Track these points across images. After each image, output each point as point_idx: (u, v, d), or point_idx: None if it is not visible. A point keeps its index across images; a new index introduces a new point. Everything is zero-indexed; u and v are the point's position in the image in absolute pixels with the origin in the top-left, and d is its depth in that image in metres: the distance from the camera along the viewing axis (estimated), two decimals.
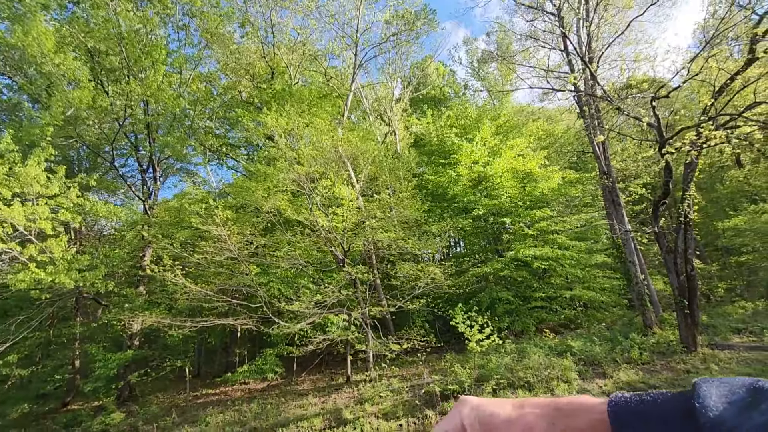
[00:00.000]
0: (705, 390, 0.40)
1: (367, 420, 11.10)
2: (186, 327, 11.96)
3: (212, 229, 11.13)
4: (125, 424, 13.31)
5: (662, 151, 10.54)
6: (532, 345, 13.91)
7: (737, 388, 0.39)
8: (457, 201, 21.47)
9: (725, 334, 13.36)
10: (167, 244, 13.02)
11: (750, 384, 0.39)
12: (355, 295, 14.76)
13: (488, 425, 0.48)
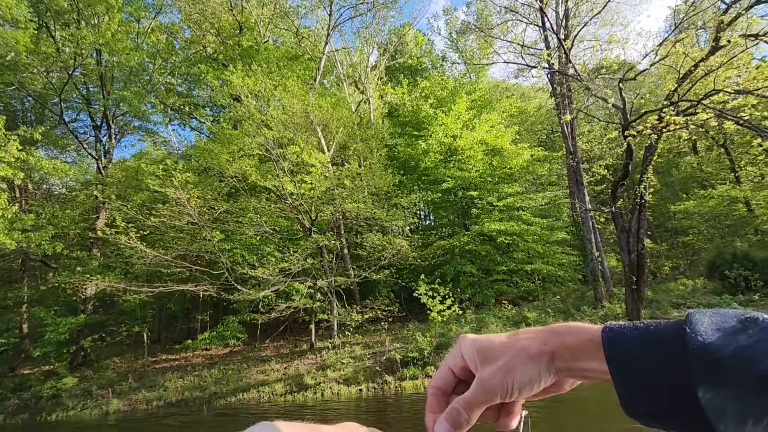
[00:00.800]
0: (697, 318, 0.41)
1: (329, 385, 11.34)
2: (142, 292, 11.55)
3: (170, 191, 10.58)
4: (78, 389, 12.97)
5: (625, 134, 10.84)
6: (492, 315, 14.50)
7: (729, 318, 0.41)
8: (427, 173, 21.50)
9: (666, 308, 14.40)
10: (122, 206, 12.29)
11: (741, 314, 0.41)
12: (321, 264, 14.71)
13: (485, 352, 0.49)
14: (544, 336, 0.48)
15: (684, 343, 0.40)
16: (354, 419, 1.96)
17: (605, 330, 0.46)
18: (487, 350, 0.50)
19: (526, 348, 0.48)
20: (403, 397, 9.91)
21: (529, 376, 0.47)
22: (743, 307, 13.63)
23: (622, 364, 0.43)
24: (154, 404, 11.82)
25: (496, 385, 0.47)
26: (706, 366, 0.38)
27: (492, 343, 0.50)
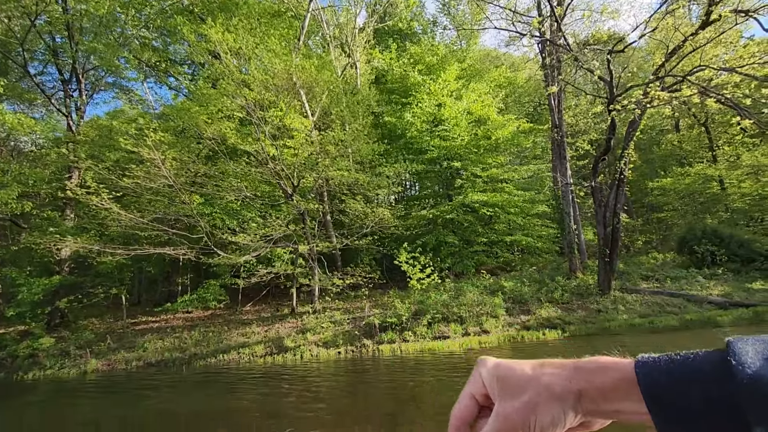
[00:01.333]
0: (740, 347, 0.37)
1: (308, 348, 11.59)
2: (118, 254, 11.33)
3: (144, 152, 10.17)
4: (56, 349, 12.93)
5: (610, 108, 10.84)
6: (470, 284, 14.86)
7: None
8: (413, 142, 21.28)
9: (636, 280, 15.02)
10: (92, 165, 11.80)
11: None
12: (303, 230, 14.66)
13: (506, 382, 0.47)
14: (570, 373, 0.45)
15: (730, 375, 0.36)
16: (332, 379, 1.99)
17: (639, 365, 0.41)
18: (509, 381, 0.47)
19: (550, 386, 0.44)
20: (380, 359, 10.22)
21: (553, 416, 0.44)
22: (707, 280, 14.33)
23: (661, 403, 0.39)
24: (134, 364, 11.90)
25: (517, 424, 0.45)
26: (762, 400, 0.34)
27: (514, 373, 0.47)
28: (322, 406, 6.65)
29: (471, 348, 10.50)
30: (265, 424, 5.88)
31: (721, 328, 10.06)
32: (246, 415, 6.44)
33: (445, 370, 8.55)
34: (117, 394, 8.84)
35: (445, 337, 11.52)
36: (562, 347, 9.76)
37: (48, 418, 7.32)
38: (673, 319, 11.60)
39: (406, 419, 5.66)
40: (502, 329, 11.84)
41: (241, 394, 7.88)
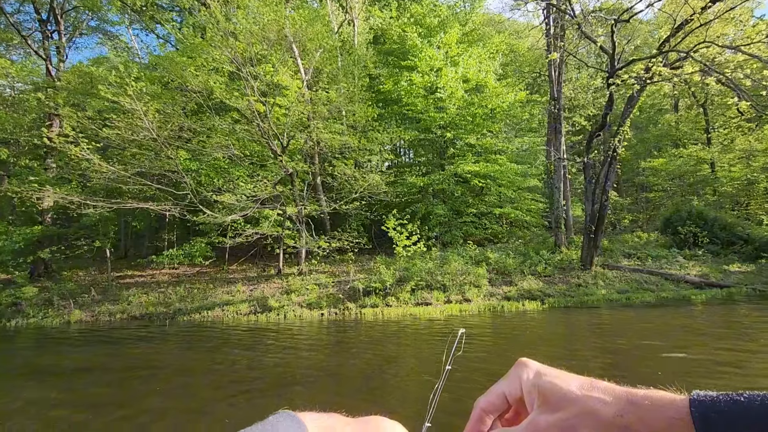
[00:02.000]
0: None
1: (292, 308, 11.75)
2: (99, 207, 11.11)
3: (125, 101, 9.72)
4: (39, 299, 12.93)
5: (609, 81, 10.57)
6: (456, 254, 15.00)
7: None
8: (408, 109, 20.79)
9: (618, 257, 15.31)
10: (72, 114, 11.30)
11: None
12: (291, 192, 14.48)
13: (548, 395, 0.43)
14: (622, 406, 0.39)
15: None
16: (314, 340, 1.88)
17: (695, 404, 0.36)
18: (551, 394, 0.43)
19: (596, 412, 0.40)
20: (362, 323, 10.41)
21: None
22: (686, 260, 14.65)
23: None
24: (117, 317, 11.99)
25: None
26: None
27: (558, 389, 0.43)
28: (304, 363, 6.80)
29: (452, 315, 10.73)
30: (247, 378, 6.00)
31: (694, 306, 10.38)
32: (229, 369, 6.56)
33: (425, 335, 8.75)
34: (99, 344, 8.93)
35: (427, 304, 11.74)
36: (539, 318, 10.02)
37: (23, 364, 7.40)
38: (650, 296, 11.93)
39: (385, 378, 5.82)
40: (483, 298, 12.09)
41: (225, 349, 8.00)
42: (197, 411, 4.67)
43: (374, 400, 4.90)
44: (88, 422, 4.47)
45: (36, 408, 4.96)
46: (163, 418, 4.51)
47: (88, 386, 5.86)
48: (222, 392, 5.33)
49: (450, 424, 3.88)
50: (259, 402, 4.87)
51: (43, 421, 4.57)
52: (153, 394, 5.31)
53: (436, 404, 0.60)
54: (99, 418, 4.58)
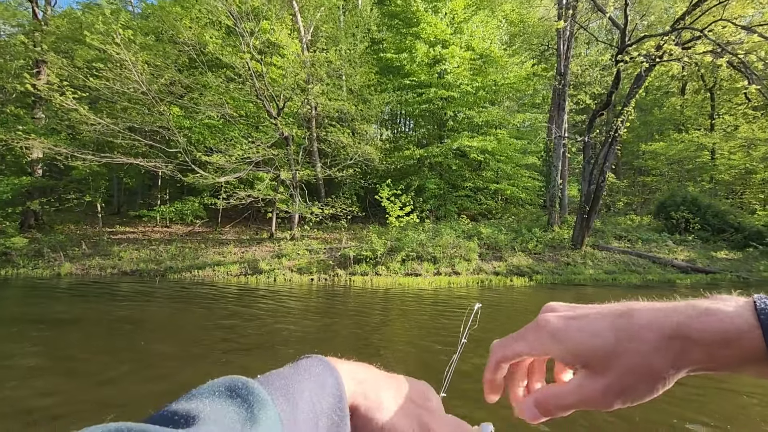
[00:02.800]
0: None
1: (282, 272, 11.83)
2: (87, 160, 10.87)
3: (112, 50, 9.28)
4: (29, 250, 12.90)
5: (618, 58, 10.24)
6: (448, 227, 15.03)
7: None
8: (411, 79, 20.20)
9: (609, 238, 15.42)
10: (56, 60, 10.81)
11: None
12: (286, 156, 14.25)
13: (586, 361, 0.38)
14: (678, 345, 0.33)
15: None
16: (304, 303, 1.81)
17: (762, 304, 0.31)
18: (588, 355, 0.37)
19: (651, 364, 0.34)
20: (351, 289, 10.52)
21: (650, 394, 0.36)
22: (676, 245, 14.79)
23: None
24: (108, 272, 12.03)
25: (605, 404, 0.37)
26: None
27: (593, 346, 0.37)
28: (292, 327, 6.88)
29: (440, 287, 10.85)
30: (235, 337, 6.07)
31: (677, 289, 10.56)
32: (216, 327, 6.64)
33: (412, 304, 8.87)
34: (88, 298, 8.98)
35: (416, 275, 11.85)
36: (526, 293, 10.17)
37: (9, 315, 7.44)
38: (636, 278, 12.12)
39: (371, 341, 5.92)
40: (472, 272, 12.21)
41: (215, 308, 8.08)
42: (179, 364, 4.73)
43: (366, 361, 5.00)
44: (65, 373, 4.52)
45: (12, 360, 5.01)
46: (146, 368, 4.57)
47: (67, 337, 5.92)
48: (204, 348, 5.40)
49: None
50: (246, 361, 4.94)
51: (15, 369, 4.61)
52: (134, 349, 5.36)
53: (451, 375, 0.59)
54: (76, 371, 4.63)
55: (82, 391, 3.92)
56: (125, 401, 3.73)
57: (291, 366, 0.37)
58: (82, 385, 4.09)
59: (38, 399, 3.71)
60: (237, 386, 0.28)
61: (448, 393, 0.54)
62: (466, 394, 3.40)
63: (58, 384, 4.09)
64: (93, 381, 4.18)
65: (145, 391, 3.92)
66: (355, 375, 0.40)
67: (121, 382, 4.17)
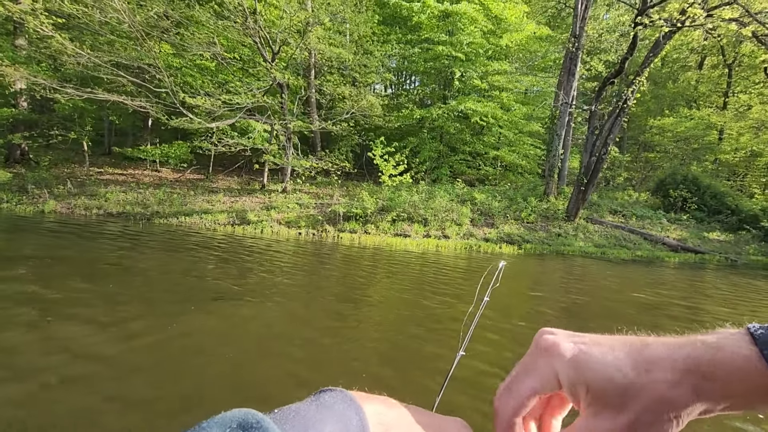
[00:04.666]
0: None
1: (269, 224, 11.68)
2: (68, 94, 10.32)
3: None
4: (13, 185, 12.62)
5: (637, 20, 9.55)
6: (443, 190, 14.80)
7: None
8: (419, 31, 19.09)
9: (603, 212, 15.28)
10: None
11: None
12: (280, 105, 13.66)
13: (601, 396, 0.33)
14: (694, 380, 0.31)
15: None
16: (291, 253, 1.51)
17: (760, 339, 0.30)
18: (605, 389, 0.33)
19: (671, 400, 0.31)
20: (338, 245, 10.44)
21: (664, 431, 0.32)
22: (670, 223, 14.69)
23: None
24: (93, 212, 11.84)
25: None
26: None
27: (611, 380, 0.33)
28: (280, 279, 6.81)
29: (427, 249, 10.78)
30: (215, 286, 5.98)
31: (666, 266, 10.56)
32: (203, 274, 6.55)
33: (398, 265, 8.82)
34: (70, 236, 8.84)
35: (405, 236, 11.75)
36: (512, 261, 10.12)
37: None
38: (625, 253, 12.09)
39: (357, 295, 5.87)
40: (462, 237, 12.13)
41: (199, 255, 7.97)
42: (149, 310, 4.65)
43: (350, 312, 4.94)
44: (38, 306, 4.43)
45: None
46: (123, 309, 4.49)
47: (42, 273, 5.81)
48: (181, 296, 5.32)
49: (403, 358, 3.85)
50: (228, 311, 4.86)
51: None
52: (115, 293, 5.27)
53: (471, 334, 0.57)
54: (48, 304, 4.54)
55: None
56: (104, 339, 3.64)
57: (311, 400, 0.33)
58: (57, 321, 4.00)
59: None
60: (250, 424, 0.26)
61: (466, 352, 0.51)
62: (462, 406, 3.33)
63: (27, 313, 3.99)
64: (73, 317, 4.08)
65: (123, 334, 3.84)
66: (381, 417, 0.35)
67: (105, 325, 4.08)
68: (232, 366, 3.31)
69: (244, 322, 4.43)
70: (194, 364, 3.31)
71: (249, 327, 4.33)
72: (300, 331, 4.31)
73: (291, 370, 3.32)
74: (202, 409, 2.69)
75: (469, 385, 3.07)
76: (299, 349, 3.78)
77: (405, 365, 3.58)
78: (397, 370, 3.47)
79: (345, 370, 3.41)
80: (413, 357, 3.76)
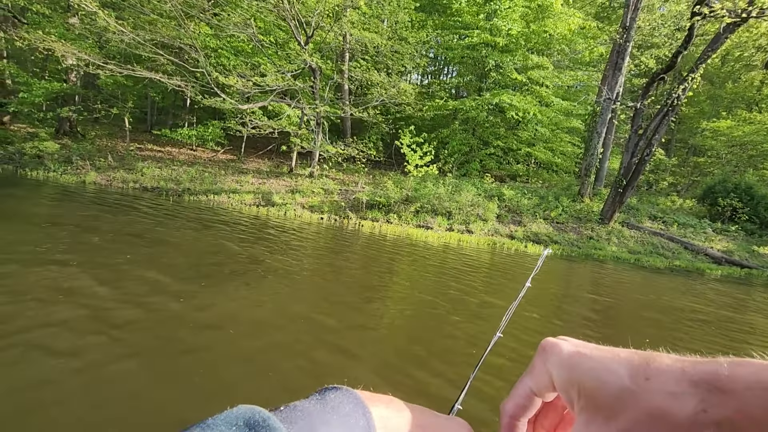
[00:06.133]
0: None
1: (293, 207, 11.79)
2: (108, 70, 10.75)
3: None
4: (60, 155, 13.38)
5: (695, 10, 8.76)
6: (470, 184, 14.41)
7: None
8: (458, 17, 18.54)
9: (642, 218, 14.41)
10: None
11: None
12: (312, 89, 13.68)
13: (594, 399, 0.31)
14: (701, 393, 0.27)
15: None
16: (308, 239, 1.42)
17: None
18: (598, 393, 0.31)
19: (668, 413, 0.27)
20: (359, 232, 10.39)
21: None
22: (715, 233, 13.67)
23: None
24: (130, 185, 12.38)
25: None
26: None
27: (605, 383, 0.31)
28: (301, 261, 6.85)
29: (448, 243, 10.54)
30: (243, 267, 6.08)
31: (707, 279, 9.82)
32: (229, 254, 6.68)
33: (420, 257, 8.67)
34: (102, 206, 9.27)
35: (428, 228, 11.55)
36: (536, 262, 9.71)
37: (34, 213, 7.76)
38: (661, 261, 11.35)
39: (377, 283, 5.82)
40: (486, 233, 11.78)
41: (225, 234, 8.15)
42: (173, 282, 4.76)
43: (371, 296, 4.89)
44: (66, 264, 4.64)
45: (23, 248, 5.19)
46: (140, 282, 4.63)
47: (70, 239, 6.10)
48: (193, 272, 5.43)
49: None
50: (245, 286, 4.91)
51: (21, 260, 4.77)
52: (136, 262, 5.45)
53: (510, 317, 0.56)
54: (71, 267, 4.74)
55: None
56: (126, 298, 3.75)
57: (317, 399, 0.33)
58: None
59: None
60: (257, 422, 0.26)
61: (503, 334, 0.52)
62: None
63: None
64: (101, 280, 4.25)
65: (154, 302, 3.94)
66: (387, 422, 0.35)
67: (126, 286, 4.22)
68: (238, 349, 3.31)
69: (265, 298, 4.45)
70: (202, 344, 3.33)
71: (263, 308, 4.33)
72: (316, 316, 4.28)
73: (308, 355, 3.28)
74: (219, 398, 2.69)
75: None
76: (315, 335, 3.74)
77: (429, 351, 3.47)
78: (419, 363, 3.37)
79: (365, 361, 3.34)
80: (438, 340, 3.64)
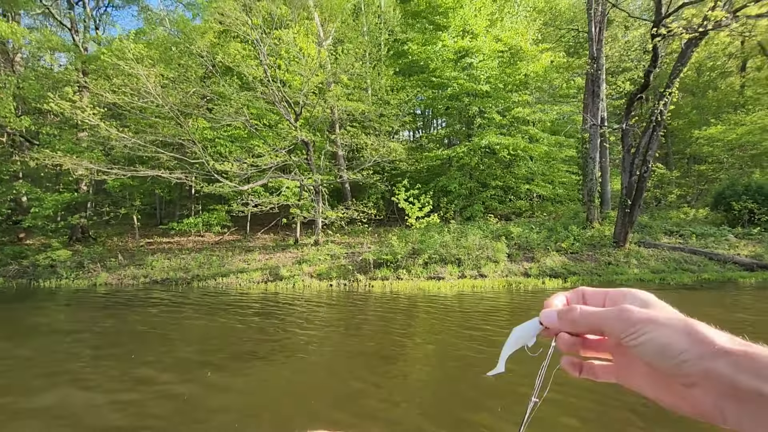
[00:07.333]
0: None
1: (302, 278, 11.68)
2: (113, 174, 11.37)
3: (123, 65, 9.63)
4: (72, 261, 13.70)
5: (653, 32, 9.19)
6: (475, 228, 14.30)
7: None
8: (436, 75, 19.69)
9: (657, 234, 13.98)
10: (86, 82, 11.42)
11: None
12: (307, 161, 14.20)
13: (635, 300, 0.41)
14: (720, 362, 0.30)
15: None
16: (318, 308, 1.37)
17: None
18: (635, 299, 0.41)
19: (694, 328, 0.33)
20: (370, 294, 10.16)
21: (669, 344, 0.33)
22: (738, 239, 13.12)
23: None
24: (141, 281, 12.48)
25: (630, 324, 0.36)
26: None
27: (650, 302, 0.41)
28: (312, 333, 6.64)
29: (462, 291, 10.20)
30: (242, 344, 5.89)
31: (741, 288, 9.23)
32: (236, 333, 6.52)
33: (435, 312, 8.35)
34: (109, 307, 9.26)
35: (439, 278, 11.27)
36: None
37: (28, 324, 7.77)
38: (688, 277, 10.79)
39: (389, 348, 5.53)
40: (500, 274, 11.44)
41: (228, 316, 8.01)
42: (171, 377, 4.58)
43: (382, 365, 4.61)
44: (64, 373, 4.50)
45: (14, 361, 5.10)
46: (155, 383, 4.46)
47: (62, 345, 6.00)
48: (199, 357, 5.24)
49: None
50: (260, 371, 4.70)
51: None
52: (143, 363, 5.30)
53: (542, 379, 0.54)
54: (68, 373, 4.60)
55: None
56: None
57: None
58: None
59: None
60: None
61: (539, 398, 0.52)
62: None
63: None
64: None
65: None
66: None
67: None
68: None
69: (279, 384, 4.22)
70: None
71: (275, 387, 4.10)
72: (334, 388, 4.03)
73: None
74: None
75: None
76: (336, 408, 3.49)
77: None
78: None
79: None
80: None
